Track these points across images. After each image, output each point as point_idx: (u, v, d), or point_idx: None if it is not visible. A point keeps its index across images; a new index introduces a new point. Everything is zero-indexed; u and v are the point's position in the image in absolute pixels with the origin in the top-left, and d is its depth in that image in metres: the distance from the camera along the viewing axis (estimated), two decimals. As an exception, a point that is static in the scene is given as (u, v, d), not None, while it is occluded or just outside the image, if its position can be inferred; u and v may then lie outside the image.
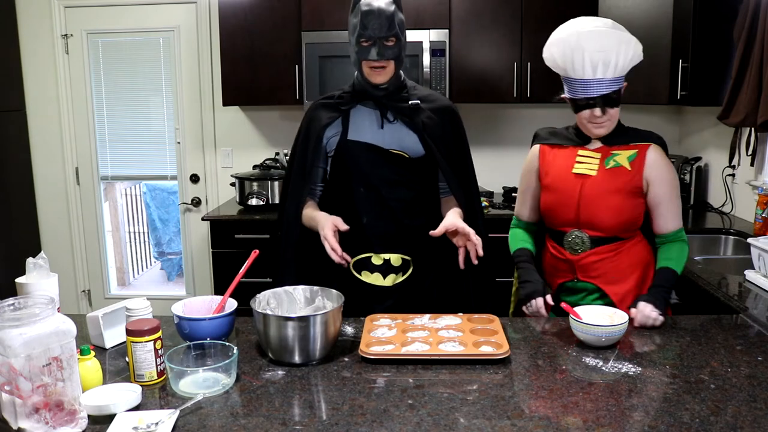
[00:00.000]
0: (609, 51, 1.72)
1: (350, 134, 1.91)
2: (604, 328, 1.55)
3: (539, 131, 2.03)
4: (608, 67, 1.73)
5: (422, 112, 1.91)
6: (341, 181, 1.94)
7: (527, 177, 2.01)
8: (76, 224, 4.29)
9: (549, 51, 1.83)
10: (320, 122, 1.93)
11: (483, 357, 1.47)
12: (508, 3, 3.55)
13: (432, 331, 1.61)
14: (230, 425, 1.22)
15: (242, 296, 1.65)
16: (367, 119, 1.92)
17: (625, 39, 1.74)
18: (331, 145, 1.94)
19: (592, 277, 1.88)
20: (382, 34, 1.81)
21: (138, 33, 4.06)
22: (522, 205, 2.04)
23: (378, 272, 1.92)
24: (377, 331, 1.62)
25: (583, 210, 1.84)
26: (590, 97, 1.76)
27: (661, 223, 1.86)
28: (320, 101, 1.99)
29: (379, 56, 1.82)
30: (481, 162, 4.03)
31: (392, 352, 1.49)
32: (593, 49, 1.72)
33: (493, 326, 1.63)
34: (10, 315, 1.16)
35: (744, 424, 1.19)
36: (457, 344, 1.52)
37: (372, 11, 1.81)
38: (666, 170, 1.85)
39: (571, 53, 1.75)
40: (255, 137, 4.13)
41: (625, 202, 1.82)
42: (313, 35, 3.53)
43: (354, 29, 1.86)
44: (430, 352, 1.48)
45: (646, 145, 1.85)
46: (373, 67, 1.84)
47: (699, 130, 3.67)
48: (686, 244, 1.87)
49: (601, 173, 1.84)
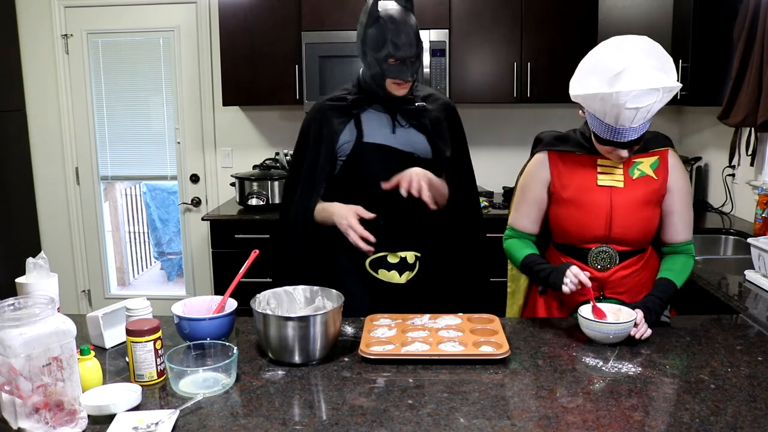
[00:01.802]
0: (653, 105, 1.56)
1: (365, 137, 1.89)
2: (613, 325, 1.54)
3: (542, 136, 1.88)
4: (646, 116, 1.59)
5: (428, 113, 1.91)
6: (356, 184, 1.91)
7: (533, 187, 1.82)
8: (76, 224, 4.29)
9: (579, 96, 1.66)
10: (332, 126, 1.90)
11: (483, 357, 1.47)
12: (508, 3, 3.55)
13: (432, 331, 1.61)
14: (230, 425, 1.22)
15: (242, 296, 1.65)
16: (378, 122, 1.90)
17: (670, 87, 1.55)
18: (344, 149, 1.90)
19: (619, 293, 1.77)
20: (412, 53, 1.78)
21: (138, 33, 4.06)
22: (524, 217, 1.85)
23: (395, 270, 1.92)
24: (377, 331, 1.62)
25: (616, 225, 1.72)
26: (618, 142, 1.63)
27: (672, 233, 1.78)
28: (326, 104, 1.95)
29: (410, 76, 1.80)
30: (481, 162, 4.05)
31: (392, 352, 1.49)
32: (635, 106, 1.55)
33: (493, 326, 1.63)
34: (10, 315, 1.16)
35: (744, 424, 1.19)
36: (457, 344, 1.52)
37: (399, 28, 1.76)
38: (685, 178, 1.78)
39: (609, 109, 1.58)
40: (255, 137, 4.13)
41: (654, 212, 1.74)
42: (313, 35, 3.53)
43: (378, 45, 1.79)
44: (430, 352, 1.48)
45: (665, 150, 1.77)
46: (399, 83, 1.83)
47: (699, 130, 3.67)
48: (693, 258, 1.78)
49: (628, 184, 1.74)
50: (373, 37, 1.80)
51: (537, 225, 1.85)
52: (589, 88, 1.62)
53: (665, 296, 1.67)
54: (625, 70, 1.57)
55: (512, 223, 1.89)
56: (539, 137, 1.90)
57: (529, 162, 1.87)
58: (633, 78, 1.55)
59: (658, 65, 1.60)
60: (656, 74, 1.56)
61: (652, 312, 1.63)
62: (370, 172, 1.88)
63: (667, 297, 1.68)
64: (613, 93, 1.54)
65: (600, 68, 1.61)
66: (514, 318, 1.93)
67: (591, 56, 1.65)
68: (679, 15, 3.10)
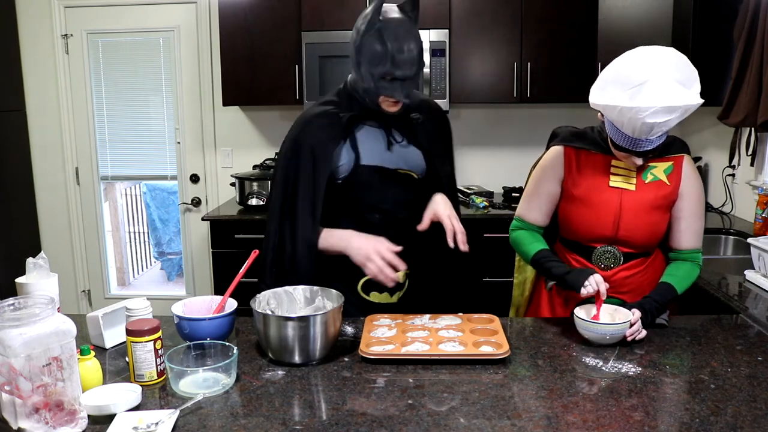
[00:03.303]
0: (671, 121, 1.55)
1: (362, 159, 1.76)
2: (610, 326, 1.54)
3: (559, 131, 1.87)
4: (663, 130, 1.57)
5: (423, 126, 1.81)
6: (352, 207, 1.80)
7: (546, 180, 1.82)
8: (76, 224, 4.29)
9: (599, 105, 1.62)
10: (326, 146, 1.74)
11: (483, 357, 1.47)
12: (508, 3, 3.55)
13: (432, 331, 1.61)
14: (230, 425, 1.22)
15: (242, 296, 1.65)
16: (373, 139, 1.78)
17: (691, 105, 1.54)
18: (341, 171, 1.76)
19: (621, 293, 1.78)
20: (413, 72, 1.65)
21: (138, 33, 4.07)
22: (534, 210, 1.85)
23: (387, 291, 1.84)
24: (377, 331, 1.62)
25: (623, 227, 1.73)
26: (634, 150, 1.63)
27: (678, 239, 1.77)
28: (315, 118, 1.77)
29: (404, 96, 1.66)
30: (481, 162, 4.06)
31: (392, 352, 1.49)
32: (653, 121, 1.53)
33: (493, 326, 1.63)
34: (10, 315, 1.16)
35: (744, 424, 1.19)
36: (457, 344, 1.52)
37: (402, 44, 1.61)
38: (698, 185, 1.76)
39: (627, 121, 1.57)
40: (255, 137, 4.13)
41: (662, 217, 1.74)
42: (313, 35, 3.53)
43: (373, 57, 1.63)
44: (430, 352, 1.48)
45: (680, 156, 1.76)
46: (393, 101, 1.69)
47: (699, 130, 3.67)
48: (698, 267, 1.77)
49: (640, 187, 1.73)
50: (370, 49, 1.63)
51: (547, 217, 1.86)
52: (609, 99, 1.59)
53: (663, 300, 1.67)
54: (646, 83, 1.52)
55: (522, 215, 1.88)
56: (556, 132, 1.89)
57: (544, 155, 1.86)
58: (653, 93, 1.51)
59: (682, 79, 1.55)
60: (678, 90, 1.53)
61: (648, 314, 1.63)
62: (369, 195, 1.78)
63: (665, 301, 1.67)
64: (633, 107, 1.52)
65: (622, 78, 1.57)
66: (515, 318, 1.93)
67: (614, 64, 1.61)
68: (679, 15, 3.10)
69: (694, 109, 1.56)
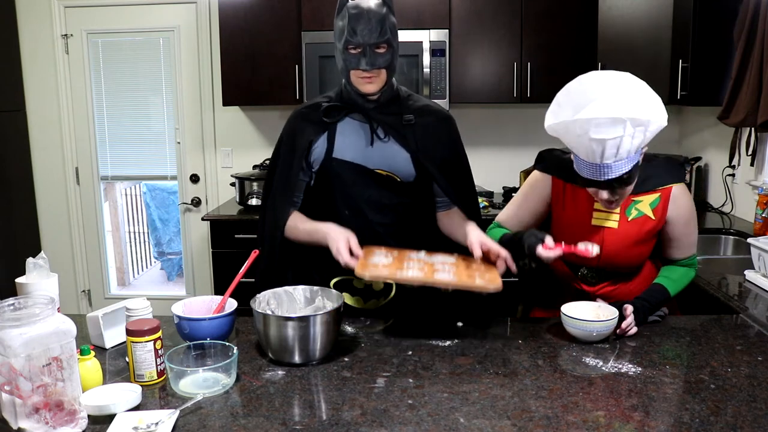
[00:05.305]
0: (621, 139, 1.45)
1: (336, 152, 1.76)
2: (596, 323, 1.56)
3: (545, 154, 1.82)
4: (618, 153, 1.48)
5: (417, 129, 1.77)
6: (325, 200, 1.81)
7: (532, 200, 1.81)
8: (76, 224, 4.29)
9: (551, 127, 1.57)
10: (304, 137, 1.78)
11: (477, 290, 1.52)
12: (508, 3, 3.56)
13: (428, 265, 1.62)
14: (230, 425, 1.22)
15: (242, 296, 1.65)
16: (354, 134, 1.77)
17: (639, 120, 1.44)
18: (317, 161, 1.79)
19: (609, 298, 1.76)
20: (372, 40, 1.64)
21: (138, 33, 4.07)
22: (516, 223, 1.82)
23: (359, 296, 1.83)
24: (374, 258, 1.62)
25: (605, 260, 1.72)
26: (597, 180, 1.54)
27: (671, 254, 1.77)
28: (303, 110, 1.83)
29: (370, 65, 1.66)
30: (481, 162, 4.06)
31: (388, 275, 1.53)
32: (599, 137, 1.45)
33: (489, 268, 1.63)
34: (10, 315, 1.16)
35: (744, 424, 1.19)
36: (451, 274, 1.55)
37: (361, 14, 1.64)
38: (687, 209, 1.71)
39: (574, 140, 1.51)
40: (255, 137, 4.13)
41: (647, 246, 1.73)
42: (313, 35, 3.53)
43: (341, 34, 1.68)
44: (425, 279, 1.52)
45: (669, 187, 1.69)
46: (363, 77, 1.69)
47: (699, 130, 3.67)
48: (694, 270, 1.78)
49: (623, 225, 1.69)
50: (338, 28, 1.69)
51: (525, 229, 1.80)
52: (557, 117, 1.54)
53: (654, 301, 1.68)
54: (594, 100, 1.46)
55: (501, 220, 1.86)
56: (543, 155, 1.83)
57: (534, 174, 1.83)
58: (598, 106, 1.45)
59: (635, 96, 1.47)
60: (626, 103, 1.44)
61: (640, 313, 1.64)
62: (339, 189, 1.77)
63: (656, 302, 1.68)
64: (576, 119, 1.46)
65: (573, 98, 1.52)
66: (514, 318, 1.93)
67: (567, 86, 1.56)
68: (679, 15, 3.10)
69: (650, 130, 1.47)
